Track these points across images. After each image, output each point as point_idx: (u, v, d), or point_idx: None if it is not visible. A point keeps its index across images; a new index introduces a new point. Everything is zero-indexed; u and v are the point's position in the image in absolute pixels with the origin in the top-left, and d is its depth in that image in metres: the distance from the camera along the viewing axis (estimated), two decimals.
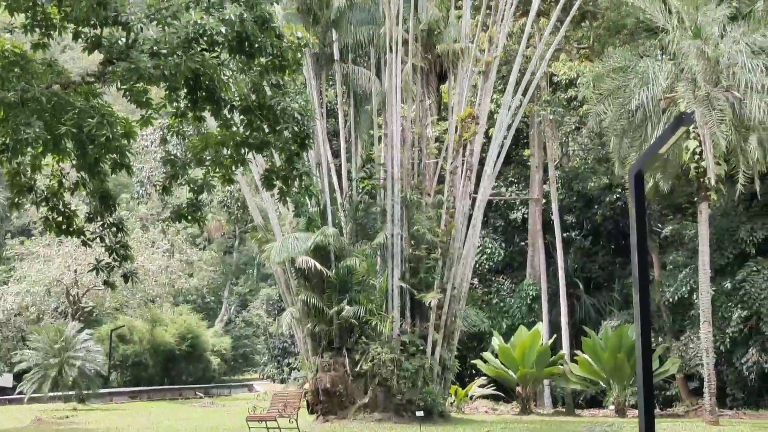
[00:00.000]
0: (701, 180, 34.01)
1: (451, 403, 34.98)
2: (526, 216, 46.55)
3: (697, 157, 34.01)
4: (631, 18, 38.80)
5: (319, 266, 30.65)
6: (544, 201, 45.42)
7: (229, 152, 22.05)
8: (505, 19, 34.44)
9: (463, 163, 33.76)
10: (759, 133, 34.39)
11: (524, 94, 35.50)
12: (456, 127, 33.88)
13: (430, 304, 32.00)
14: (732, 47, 34.56)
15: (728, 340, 39.22)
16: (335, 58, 34.23)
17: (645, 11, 36.88)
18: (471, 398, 38.59)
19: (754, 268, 39.79)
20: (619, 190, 42.68)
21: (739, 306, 39.55)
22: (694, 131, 33.75)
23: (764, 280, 39.42)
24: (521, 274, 46.39)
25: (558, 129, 44.99)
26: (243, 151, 22.20)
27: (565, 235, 44.78)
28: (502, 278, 46.73)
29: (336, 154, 34.89)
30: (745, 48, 34.46)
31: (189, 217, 23.22)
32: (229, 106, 20.77)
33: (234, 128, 21.51)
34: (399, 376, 30.81)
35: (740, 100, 34.28)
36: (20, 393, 46.55)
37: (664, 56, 36.03)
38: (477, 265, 40.46)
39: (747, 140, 34.61)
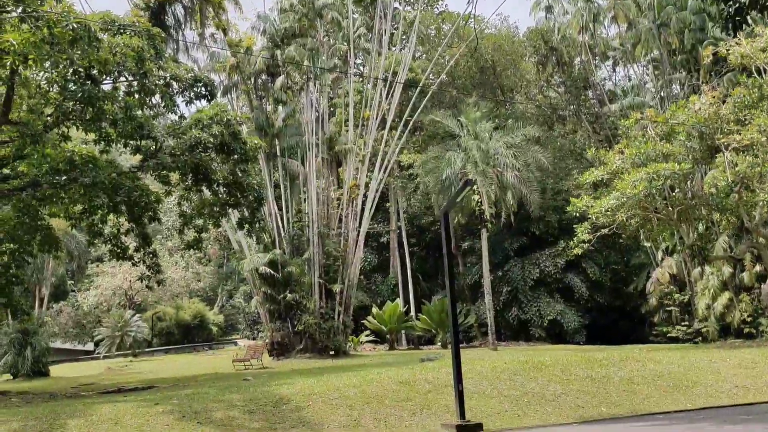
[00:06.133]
0: (482, 216, 35.56)
1: (350, 346, 35.38)
2: (388, 240, 47.24)
3: (479, 204, 36.39)
4: (441, 129, 40.29)
5: (272, 272, 31.17)
6: (398, 231, 46.03)
7: (217, 209, 23.66)
8: (372, 132, 35.29)
9: (351, 211, 34.46)
10: (511, 190, 37.02)
11: (385, 172, 36.18)
12: (347, 192, 34.80)
13: (336, 290, 32.87)
14: (496, 144, 37.11)
15: (501, 303, 40.76)
16: (278, 154, 34.61)
17: (448, 125, 39.50)
18: (361, 343, 39.31)
19: (513, 264, 42.42)
20: (438, 223, 44.04)
21: (506, 285, 41.76)
22: (476, 190, 36.25)
23: (519, 270, 41.69)
24: (387, 272, 47.09)
25: (404, 191, 45.79)
26: (225, 208, 23.82)
27: (410, 249, 45.63)
28: (377, 275, 47.55)
29: (280, 208, 34.67)
30: (503, 144, 37.10)
31: (194, 247, 24.74)
32: (216, 183, 22.41)
33: (220, 195, 23.10)
34: (320, 332, 31.52)
35: (501, 173, 36.94)
36: (97, 354, 47.02)
37: (459, 150, 36.94)
38: (362, 268, 40.56)
39: (506, 194, 37.29)
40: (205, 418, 12.70)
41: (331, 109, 41.30)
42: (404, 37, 42.12)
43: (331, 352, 31.70)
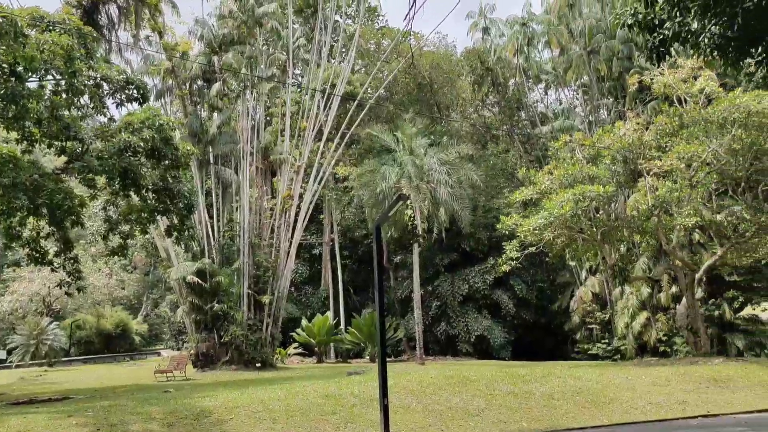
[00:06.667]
0: (414, 231, 35.89)
1: (277, 359, 34.98)
2: (321, 251, 46.90)
3: (412, 219, 36.61)
4: (377, 143, 40.44)
5: (200, 281, 30.44)
6: (331, 243, 45.92)
7: (145, 215, 23.02)
8: (308, 143, 35.08)
9: (284, 222, 34.14)
10: (444, 206, 37.52)
11: (320, 184, 36.01)
12: (281, 202, 34.47)
13: (265, 302, 32.46)
14: (430, 160, 37.56)
15: (430, 318, 41.11)
16: (211, 162, 34.21)
17: (384, 140, 39.77)
18: (289, 355, 38.76)
19: (443, 279, 42.89)
20: (371, 237, 44.03)
21: (435, 299, 42.18)
22: (410, 205, 36.59)
23: (448, 285, 42.22)
24: (318, 284, 46.65)
25: (338, 203, 45.61)
26: (154, 214, 23.21)
27: (342, 262, 45.50)
28: (308, 287, 46.96)
29: (211, 217, 34.23)
30: (437, 161, 37.60)
31: (119, 254, 24.03)
32: (145, 188, 21.82)
33: (148, 201, 22.48)
34: (246, 343, 31.06)
35: (434, 189, 37.40)
36: (10, 362, 44.62)
37: (394, 164, 37.06)
38: (293, 280, 40.62)
39: (438, 210, 37.76)
40: (121, 431, 12.25)
41: (268, 118, 40.98)
42: (344, 50, 42.29)
43: (258, 365, 31.27)
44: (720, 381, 19.30)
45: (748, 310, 39.79)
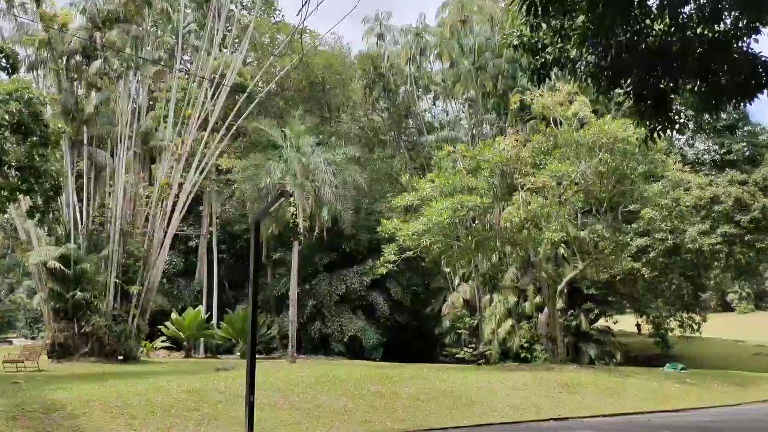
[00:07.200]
0: (296, 229, 35.44)
1: (142, 352, 33.66)
2: (198, 243, 45.34)
3: (294, 216, 36.17)
4: (264, 138, 39.47)
5: (62, 267, 28.68)
6: (209, 235, 44.48)
7: (6, 194, 21.45)
8: (192, 131, 34.00)
9: (160, 211, 32.82)
10: (327, 206, 37.32)
11: (201, 174, 34.92)
12: (158, 190, 33.01)
13: (133, 292, 31.00)
14: (317, 159, 37.31)
15: (305, 316, 40.50)
16: (85, 143, 32.12)
17: (271, 135, 39.09)
18: (155, 349, 37.26)
19: (321, 278, 42.77)
20: (251, 232, 42.79)
21: (312, 298, 41.54)
22: (293, 203, 36.24)
23: (326, 284, 42.16)
24: (192, 277, 45.04)
25: (220, 195, 44.24)
26: (16, 193, 21.71)
27: (219, 256, 44.23)
28: (181, 279, 45.14)
29: (80, 200, 32.19)
30: (323, 160, 37.38)
31: None
32: (8, 165, 20.37)
33: (11, 179, 20.98)
34: (110, 335, 29.51)
35: (319, 188, 37.21)
36: None
37: (280, 161, 35.89)
38: (165, 271, 38.79)
39: (321, 210, 37.57)
40: None
41: (151, 102, 39.26)
42: (237, 40, 41.30)
43: (120, 357, 29.83)
44: (572, 387, 20.54)
45: (601, 322, 42.75)
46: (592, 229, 30.83)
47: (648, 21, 9.27)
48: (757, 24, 8.94)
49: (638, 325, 46.72)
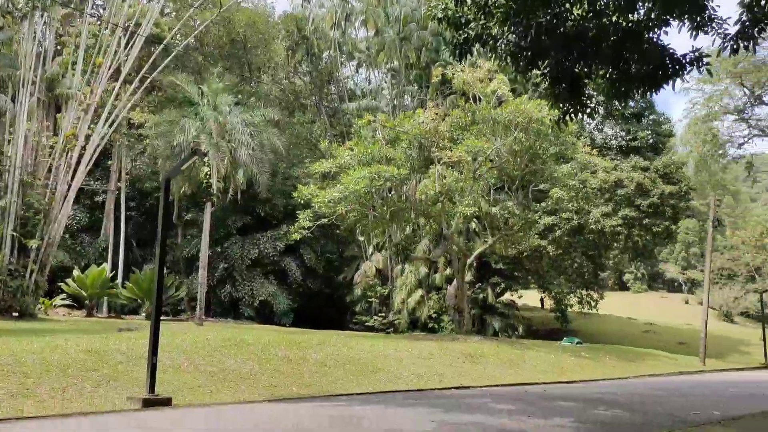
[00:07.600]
0: (209, 189, 34.79)
1: (40, 309, 31.92)
2: (105, 199, 43.60)
3: (208, 176, 35.44)
4: (180, 94, 37.97)
5: None
6: (117, 191, 43.04)
7: None
8: (102, 81, 32.20)
9: (65, 163, 31.12)
10: (243, 168, 36.71)
11: (111, 127, 33.24)
12: (63, 140, 31.26)
13: (32, 246, 29.45)
14: (234, 119, 36.45)
15: (215, 279, 40.27)
16: None
17: (188, 91, 37.78)
18: (54, 306, 35.59)
19: (233, 241, 42.17)
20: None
21: (223, 261, 41.42)
22: (207, 162, 35.37)
23: (238, 248, 41.61)
24: (98, 234, 43.34)
25: (130, 150, 42.50)
26: None
27: (127, 213, 42.98)
28: (85, 235, 43.39)
29: None
30: (240, 121, 36.57)
31: None
32: None
33: None
34: (5, 290, 28.08)
35: (235, 149, 36.38)
36: None
37: (196, 118, 35.35)
38: (68, 226, 37.38)
39: (237, 172, 36.87)
40: None
41: (58, 47, 36.99)
42: None
43: (15, 314, 28.37)
44: (475, 357, 21.24)
45: (507, 296, 44.28)
46: (503, 206, 31.72)
47: (568, 5, 9.48)
48: (668, 17, 9.31)
49: (542, 300, 48.73)
